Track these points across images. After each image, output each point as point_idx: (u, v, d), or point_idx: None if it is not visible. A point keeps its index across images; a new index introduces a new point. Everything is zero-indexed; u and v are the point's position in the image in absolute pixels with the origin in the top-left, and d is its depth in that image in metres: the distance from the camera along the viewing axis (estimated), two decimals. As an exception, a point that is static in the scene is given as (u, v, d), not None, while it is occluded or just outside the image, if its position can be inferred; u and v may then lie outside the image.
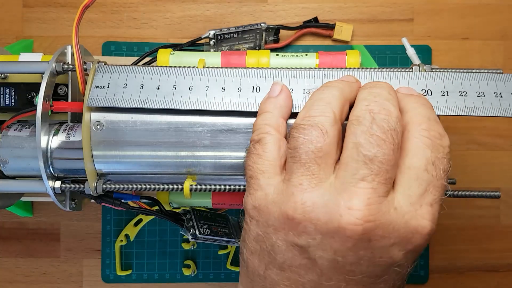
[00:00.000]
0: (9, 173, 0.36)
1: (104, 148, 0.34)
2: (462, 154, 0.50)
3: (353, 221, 0.26)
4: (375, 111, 0.27)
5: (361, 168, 0.26)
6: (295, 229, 0.27)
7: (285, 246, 0.27)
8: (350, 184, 0.26)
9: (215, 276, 0.50)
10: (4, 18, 0.50)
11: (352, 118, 0.28)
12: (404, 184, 0.27)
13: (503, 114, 0.32)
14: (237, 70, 0.34)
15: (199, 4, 0.50)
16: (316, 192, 0.27)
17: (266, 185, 0.28)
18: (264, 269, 0.29)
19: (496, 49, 0.50)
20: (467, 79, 0.33)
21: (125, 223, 0.49)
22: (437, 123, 0.28)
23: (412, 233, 0.27)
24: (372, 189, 0.26)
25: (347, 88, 0.30)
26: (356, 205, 0.26)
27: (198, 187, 0.35)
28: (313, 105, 0.29)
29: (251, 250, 0.29)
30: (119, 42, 0.50)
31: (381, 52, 0.50)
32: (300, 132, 0.28)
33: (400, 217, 0.26)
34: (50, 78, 0.34)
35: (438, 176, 0.27)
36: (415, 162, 0.27)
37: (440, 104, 0.32)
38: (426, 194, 0.27)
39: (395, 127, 0.27)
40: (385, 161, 0.26)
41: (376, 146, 0.26)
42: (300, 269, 0.27)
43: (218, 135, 0.34)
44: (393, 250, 0.27)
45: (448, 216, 0.50)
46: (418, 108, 0.29)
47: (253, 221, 0.29)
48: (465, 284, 0.51)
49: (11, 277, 0.50)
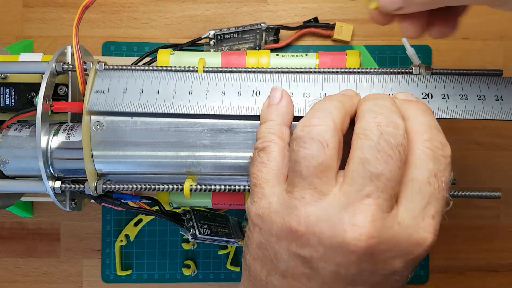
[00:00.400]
0: (9, 173, 0.36)
1: (104, 148, 0.34)
2: (462, 154, 0.50)
3: (357, 238, 0.25)
4: (383, 124, 0.27)
5: (367, 185, 0.26)
6: (298, 241, 0.27)
7: (288, 255, 0.27)
8: (355, 200, 0.26)
9: (215, 276, 0.50)
10: (4, 18, 0.50)
11: (359, 131, 0.27)
12: (407, 198, 0.27)
13: (504, 117, 0.32)
14: (237, 75, 0.34)
15: (199, 4, 0.50)
16: (319, 206, 0.27)
17: (270, 194, 0.28)
18: (266, 275, 0.29)
19: (496, 49, 0.50)
20: (468, 82, 0.33)
21: (125, 223, 0.49)
22: (438, 132, 0.28)
23: (414, 246, 0.27)
24: (376, 206, 0.26)
25: (348, 101, 0.29)
26: (361, 222, 0.26)
27: (198, 187, 0.35)
28: (313, 114, 0.28)
29: (253, 255, 0.29)
30: (119, 42, 0.50)
31: (381, 52, 0.50)
32: (300, 145, 0.27)
33: (403, 232, 0.26)
34: (50, 78, 0.34)
35: (440, 188, 0.27)
36: (418, 175, 0.27)
37: (441, 107, 0.32)
38: (428, 207, 0.27)
39: (402, 142, 0.26)
40: (391, 178, 0.26)
41: (383, 163, 0.26)
42: (302, 277, 0.27)
43: (218, 135, 0.34)
44: (395, 262, 0.27)
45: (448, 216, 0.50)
46: (419, 115, 0.28)
47: (256, 228, 0.29)
48: (465, 284, 0.51)
49: (11, 277, 0.50)
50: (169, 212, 0.40)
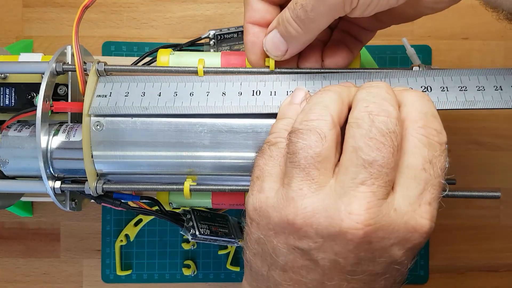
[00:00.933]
0: (9, 173, 0.36)
1: (104, 148, 0.34)
2: (462, 154, 0.50)
3: (353, 226, 0.26)
4: (374, 113, 0.27)
5: (360, 172, 0.26)
6: (296, 234, 0.27)
7: (286, 249, 0.28)
8: (350, 188, 0.26)
9: (215, 276, 0.50)
10: (4, 18, 0.50)
11: (351, 120, 0.28)
12: (403, 184, 0.27)
13: (505, 106, 0.32)
14: (237, 76, 0.34)
15: (199, 4, 0.50)
16: (316, 197, 0.27)
17: (269, 189, 0.28)
18: (267, 269, 0.29)
19: (496, 49, 0.50)
20: (466, 75, 0.33)
21: (125, 223, 0.49)
22: (434, 118, 0.28)
23: (411, 233, 0.27)
24: (371, 193, 0.26)
25: (345, 91, 0.30)
26: (356, 210, 0.26)
27: (198, 187, 0.35)
28: (311, 109, 0.29)
29: (253, 251, 0.29)
30: (119, 42, 0.50)
31: (381, 52, 0.50)
32: (299, 137, 0.27)
33: (400, 218, 0.26)
34: (50, 78, 0.34)
35: (435, 174, 0.27)
36: (413, 161, 0.27)
37: (441, 99, 0.32)
38: (424, 193, 0.27)
39: (394, 129, 0.27)
40: (385, 164, 0.26)
41: (375, 150, 0.26)
42: (302, 270, 0.28)
43: (218, 136, 0.34)
44: (393, 249, 0.27)
45: (448, 216, 0.50)
46: (415, 102, 0.28)
47: (254, 223, 0.29)
48: (465, 284, 0.51)
49: (11, 277, 0.50)
50: (169, 212, 0.40)
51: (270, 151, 0.29)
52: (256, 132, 0.34)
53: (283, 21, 0.32)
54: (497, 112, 0.49)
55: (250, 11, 0.34)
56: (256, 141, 0.34)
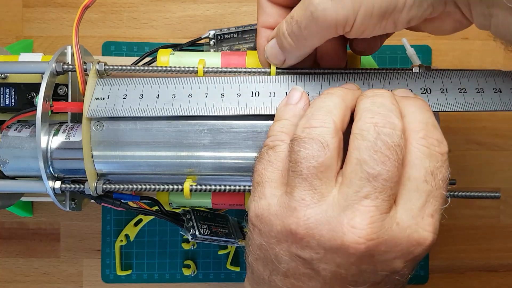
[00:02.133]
0: (9, 173, 0.36)
1: (104, 148, 0.34)
2: (462, 154, 0.50)
3: (356, 240, 0.26)
4: (380, 125, 0.26)
5: (364, 186, 0.26)
6: (298, 243, 0.27)
7: (289, 256, 0.27)
8: (353, 202, 0.26)
9: (215, 276, 0.50)
10: (4, 18, 0.50)
11: (356, 131, 0.27)
12: (405, 197, 0.27)
13: (504, 108, 0.32)
14: (236, 77, 0.34)
15: (199, 4, 0.50)
16: (319, 208, 0.26)
17: (270, 195, 0.28)
18: (269, 274, 0.29)
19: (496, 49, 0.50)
20: (466, 77, 0.34)
21: (125, 223, 0.49)
22: (435, 128, 0.28)
23: (414, 246, 0.27)
24: (375, 207, 0.26)
25: (348, 95, 0.29)
26: (359, 224, 0.26)
27: (198, 188, 0.35)
28: (313, 114, 0.28)
29: (255, 256, 0.29)
30: (119, 42, 0.50)
31: (381, 52, 0.49)
32: (301, 145, 0.27)
33: (402, 232, 0.26)
34: (50, 78, 0.34)
35: (437, 186, 0.27)
36: (414, 173, 0.27)
37: (440, 101, 0.32)
38: (426, 205, 0.27)
39: (399, 142, 0.26)
40: (389, 178, 0.26)
41: (380, 164, 0.26)
42: (304, 277, 0.28)
43: (218, 136, 0.34)
44: (395, 262, 0.27)
45: (448, 216, 0.50)
46: (415, 112, 0.28)
47: (256, 230, 0.29)
48: (465, 284, 0.51)
49: (11, 277, 0.50)
50: (169, 212, 0.40)
51: (268, 156, 0.29)
52: (256, 132, 0.34)
53: (279, 34, 0.32)
54: (497, 112, 0.49)
55: (263, 15, 0.34)
56: (256, 141, 0.34)
